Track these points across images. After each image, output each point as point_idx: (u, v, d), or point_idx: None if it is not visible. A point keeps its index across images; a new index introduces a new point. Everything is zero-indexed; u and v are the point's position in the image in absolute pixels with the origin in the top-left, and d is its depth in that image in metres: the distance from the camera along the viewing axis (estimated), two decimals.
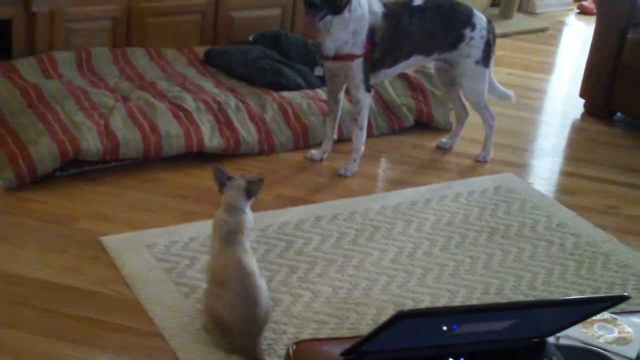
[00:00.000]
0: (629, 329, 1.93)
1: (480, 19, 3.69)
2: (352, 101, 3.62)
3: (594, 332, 1.88)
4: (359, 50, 3.43)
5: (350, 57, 3.44)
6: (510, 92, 3.93)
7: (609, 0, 4.46)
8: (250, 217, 2.60)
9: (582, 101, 4.67)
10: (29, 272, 2.70)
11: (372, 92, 3.60)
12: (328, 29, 3.41)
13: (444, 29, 3.61)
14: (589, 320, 1.86)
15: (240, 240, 2.52)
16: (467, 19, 3.65)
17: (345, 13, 3.38)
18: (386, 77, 3.78)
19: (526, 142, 4.20)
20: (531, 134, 4.35)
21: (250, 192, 2.60)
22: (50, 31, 3.89)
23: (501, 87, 3.92)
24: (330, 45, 3.44)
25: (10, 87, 3.56)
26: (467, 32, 3.64)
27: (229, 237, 2.51)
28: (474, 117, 3.98)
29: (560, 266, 3.08)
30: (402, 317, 1.41)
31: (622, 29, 4.38)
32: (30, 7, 3.82)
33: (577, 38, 6.20)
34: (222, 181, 2.62)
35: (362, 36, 3.43)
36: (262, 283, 2.47)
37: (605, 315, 1.94)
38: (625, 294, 1.48)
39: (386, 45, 3.50)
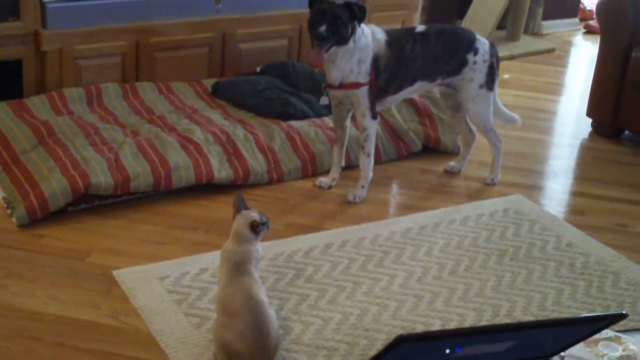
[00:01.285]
0: (633, 347, 1.94)
1: (483, 43, 3.73)
2: (359, 128, 3.66)
3: (598, 350, 1.89)
4: (363, 78, 3.48)
5: (356, 86, 3.48)
6: (516, 116, 3.96)
7: (612, 20, 4.49)
8: (258, 247, 2.63)
9: (590, 120, 4.69)
10: (42, 307, 2.74)
11: (378, 118, 3.63)
12: (333, 60, 3.45)
13: (447, 54, 3.65)
14: (593, 338, 1.87)
15: (248, 270, 2.54)
16: (469, 44, 3.69)
17: (350, 43, 3.42)
18: (392, 104, 3.81)
19: (534, 163, 4.22)
20: (539, 155, 4.36)
21: (254, 229, 2.60)
22: (60, 69, 3.96)
23: (507, 111, 3.94)
24: (336, 75, 3.49)
25: (21, 125, 3.62)
26: (470, 57, 3.68)
27: (237, 267, 2.54)
28: (481, 140, 4.01)
29: (570, 286, 3.09)
30: (402, 342, 1.43)
31: (626, 48, 4.41)
32: (40, 46, 3.89)
33: (584, 58, 6.23)
34: (239, 209, 2.65)
35: (367, 64, 3.47)
36: (271, 312, 2.50)
37: (609, 333, 1.95)
38: (624, 312, 1.50)
39: (390, 72, 3.54)
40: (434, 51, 3.62)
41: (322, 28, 3.32)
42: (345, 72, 3.47)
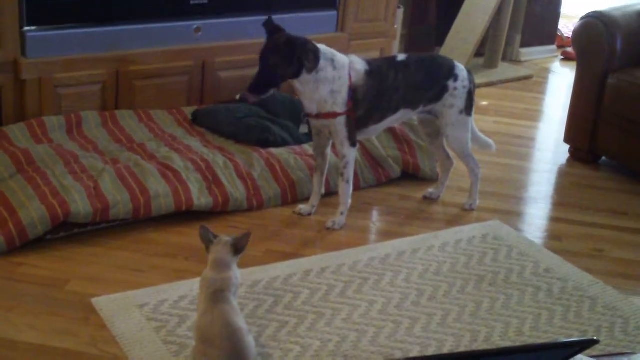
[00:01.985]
0: None
1: (461, 69, 3.77)
2: (338, 156, 3.68)
3: None
4: (340, 108, 3.50)
5: (333, 115, 3.51)
6: (491, 141, 4.00)
7: (588, 47, 4.54)
8: (236, 273, 2.64)
9: (568, 147, 4.74)
10: (20, 336, 2.73)
11: (357, 145, 3.66)
12: (300, 90, 3.50)
13: (428, 81, 3.69)
14: None
15: (227, 298, 2.55)
16: (449, 71, 3.73)
17: (310, 75, 3.45)
18: (375, 133, 3.83)
19: (512, 189, 4.25)
20: (517, 181, 4.40)
21: (237, 247, 2.64)
22: (39, 97, 3.96)
23: (483, 136, 3.98)
24: (308, 105, 3.53)
25: (0, 153, 3.62)
26: (451, 83, 3.72)
27: (215, 295, 2.54)
28: (459, 167, 4.04)
29: (548, 311, 3.11)
30: None
31: (602, 74, 4.47)
32: (20, 75, 3.90)
33: (562, 84, 6.30)
34: (209, 239, 2.66)
35: (343, 95, 3.49)
36: (250, 340, 2.50)
37: (584, 359, 1.96)
38: (595, 338, 1.51)
39: (371, 101, 3.57)
40: (416, 79, 3.66)
41: (250, 88, 3.46)
42: (320, 101, 3.50)
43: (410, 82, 3.65)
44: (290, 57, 3.41)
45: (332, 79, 3.48)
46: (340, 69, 3.50)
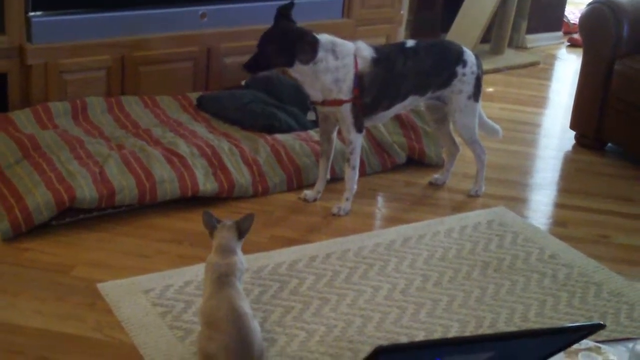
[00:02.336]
0: (613, 357, 1.96)
1: (470, 55, 3.76)
2: (344, 142, 3.68)
3: None
4: (345, 96, 3.50)
5: (338, 103, 3.51)
6: (498, 127, 3.99)
7: (594, 33, 4.53)
8: (241, 258, 2.64)
9: (574, 133, 4.73)
10: (26, 321, 2.74)
11: (364, 131, 3.65)
12: (299, 80, 3.54)
13: (437, 67, 3.68)
14: (573, 349, 1.89)
15: (232, 283, 2.55)
16: (458, 56, 3.72)
17: (307, 66, 3.46)
18: (384, 119, 3.82)
19: (518, 176, 4.24)
20: (523, 167, 4.39)
21: (241, 230, 2.65)
22: (45, 83, 3.97)
23: (490, 122, 3.97)
24: (312, 93, 3.54)
25: (6, 138, 3.62)
26: (459, 69, 3.71)
27: (220, 279, 2.55)
28: (465, 153, 4.04)
29: (553, 297, 3.11)
30: (381, 353, 1.44)
31: (609, 61, 4.45)
32: (25, 60, 3.90)
33: (568, 71, 6.28)
34: (212, 225, 2.67)
35: (348, 82, 3.49)
36: (255, 324, 2.50)
37: (590, 343, 1.97)
38: (601, 322, 1.51)
39: (378, 88, 3.56)
40: (425, 65, 3.65)
41: (249, 63, 3.51)
42: (323, 90, 3.50)
43: (420, 68, 3.64)
44: (282, 48, 3.45)
45: (334, 68, 3.47)
46: (344, 57, 3.49)
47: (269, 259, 3.21)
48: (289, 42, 3.45)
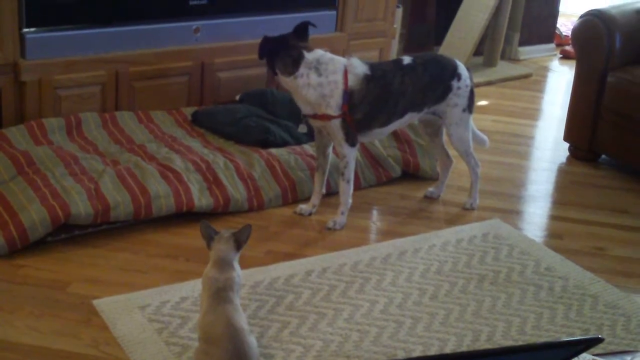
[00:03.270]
0: None
1: (463, 68, 3.78)
2: (338, 156, 3.68)
3: None
4: (334, 111, 3.52)
5: (327, 118, 3.53)
6: (485, 137, 4.02)
7: (587, 45, 4.54)
8: (239, 272, 2.64)
9: (567, 145, 4.74)
10: (21, 338, 2.72)
11: (358, 145, 3.66)
12: (289, 91, 3.61)
13: (433, 83, 3.69)
14: None
15: (229, 298, 2.55)
16: (453, 71, 3.73)
17: (289, 79, 3.52)
18: (382, 136, 3.84)
19: (513, 188, 4.25)
20: (517, 179, 4.40)
21: (238, 241, 2.64)
22: (39, 98, 3.96)
23: (478, 132, 3.99)
24: (301, 105, 3.58)
25: (0, 155, 3.61)
26: (455, 83, 3.72)
27: (218, 294, 2.54)
28: (459, 166, 4.04)
29: (550, 310, 3.11)
30: None
31: (602, 72, 4.47)
32: (19, 76, 3.90)
33: (561, 83, 6.30)
34: (210, 236, 2.66)
35: (336, 98, 3.51)
36: (252, 340, 2.50)
37: (587, 357, 1.96)
38: (600, 336, 1.51)
39: (372, 105, 3.56)
40: (423, 82, 3.66)
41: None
42: (311, 104, 3.52)
43: (417, 85, 3.65)
44: (271, 52, 3.56)
45: (316, 84, 3.50)
46: (329, 74, 3.51)
47: (265, 273, 3.21)
48: (275, 50, 3.54)
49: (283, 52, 3.52)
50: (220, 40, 4.48)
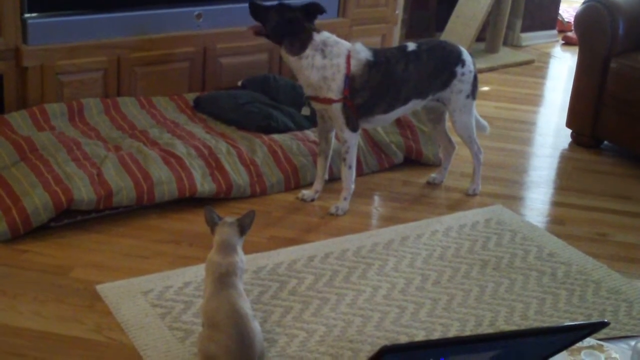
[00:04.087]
0: (616, 355, 1.96)
1: (467, 54, 3.77)
2: (339, 141, 3.68)
3: (581, 359, 1.91)
4: (335, 95, 3.51)
5: (328, 101, 3.52)
6: (486, 124, 4.02)
7: (590, 31, 4.53)
8: (242, 257, 2.64)
9: (570, 131, 4.73)
10: (25, 323, 2.73)
11: (360, 130, 3.65)
12: (292, 68, 3.60)
13: (438, 70, 3.68)
14: (575, 347, 1.89)
15: (233, 283, 2.55)
16: (457, 57, 3.72)
17: (293, 58, 3.52)
18: (384, 122, 3.83)
19: (515, 174, 4.25)
20: (520, 165, 4.40)
21: (242, 227, 2.64)
22: (41, 84, 3.95)
23: (479, 118, 3.98)
24: (304, 86, 3.59)
25: (2, 140, 3.61)
26: (459, 69, 3.71)
27: (221, 279, 2.54)
28: (461, 152, 4.04)
29: (552, 295, 3.11)
30: (386, 352, 1.44)
31: (605, 59, 4.46)
32: (21, 62, 3.89)
33: (563, 69, 6.29)
34: (214, 221, 2.66)
35: (338, 82, 3.50)
36: (255, 325, 2.50)
37: (592, 341, 1.97)
38: (605, 320, 1.51)
39: (373, 91, 3.55)
40: (427, 69, 3.65)
41: (256, 4, 3.57)
42: (312, 86, 3.52)
43: (422, 72, 3.64)
44: (279, 24, 3.52)
45: (320, 66, 3.49)
46: (333, 57, 3.51)
47: (268, 259, 3.21)
48: (287, 26, 3.51)
49: (294, 31, 3.50)
50: (223, 26, 4.46)
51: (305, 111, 3.75)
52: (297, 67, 3.54)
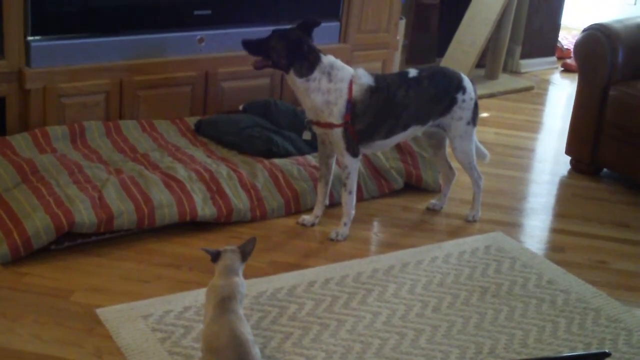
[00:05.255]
0: None
1: (467, 81, 3.79)
2: (340, 166, 3.69)
3: None
4: (336, 120, 3.52)
5: (329, 126, 3.54)
6: (486, 152, 4.03)
7: (590, 58, 4.56)
8: (242, 281, 2.66)
9: (569, 158, 4.75)
10: (25, 346, 2.73)
11: (360, 156, 3.66)
12: (295, 92, 3.59)
13: (438, 96, 3.70)
14: None
15: (233, 308, 2.56)
16: (458, 84, 3.74)
17: (300, 80, 3.51)
18: (384, 148, 3.84)
19: (515, 201, 4.26)
20: (519, 192, 4.41)
21: (244, 253, 2.69)
22: (43, 107, 3.97)
23: (480, 146, 4.00)
24: (307, 110, 3.59)
25: (4, 162, 3.62)
26: (459, 96, 3.73)
27: (222, 304, 2.55)
28: (461, 178, 4.05)
29: (552, 323, 3.11)
30: None
31: (604, 86, 4.48)
32: (24, 84, 3.91)
33: (562, 96, 6.32)
34: (215, 252, 2.70)
35: (339, 107, 3.52)
36: (256, 351, 2.50)
37: None
38: (607, 350, 1.52)
39: (374, 117, 3.57)
40: (428, 95, 3.67)
41: (249, 40, 3.57)
42: (315, 110, 3.54)
43: (423, 98, 3.66)
44: (288, 49, 3.51)
45: (325, 90, 3.50)
46: (337, 81, 3.52)
47: (268, 284, 3.21)
48: (296, 48, 3.51)
49: (305, 53, 3.51)
50: (224, 50, 4.49)
51: (307, 135, 3.76)
52: (304, 89, 3.53)
